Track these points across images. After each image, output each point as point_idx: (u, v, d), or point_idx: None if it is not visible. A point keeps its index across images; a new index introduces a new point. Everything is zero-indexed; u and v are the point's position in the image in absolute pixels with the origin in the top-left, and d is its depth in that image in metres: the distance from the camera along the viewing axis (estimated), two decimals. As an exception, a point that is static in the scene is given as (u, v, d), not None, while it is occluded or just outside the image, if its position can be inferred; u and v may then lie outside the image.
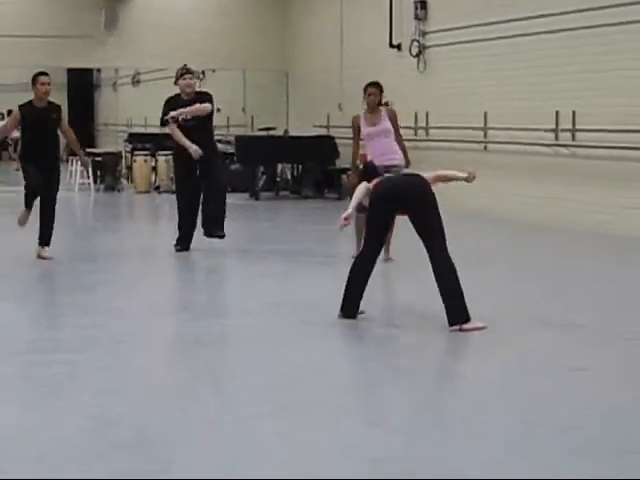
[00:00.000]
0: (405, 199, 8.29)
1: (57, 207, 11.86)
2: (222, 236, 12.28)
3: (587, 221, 14.12)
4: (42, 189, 11.63)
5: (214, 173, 12.58)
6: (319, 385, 6.63)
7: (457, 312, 7.98)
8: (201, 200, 12.47)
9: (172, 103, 12.47)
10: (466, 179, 8.38)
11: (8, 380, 6.86)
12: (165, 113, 12.41)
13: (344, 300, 8.37)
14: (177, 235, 12.54)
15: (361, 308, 8.37)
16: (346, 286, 8.43)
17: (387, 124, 11.24)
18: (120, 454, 5.23)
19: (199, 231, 12.51)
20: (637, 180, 13.50)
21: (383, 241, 8.78)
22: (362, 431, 5.68)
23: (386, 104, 11.60)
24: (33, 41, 21.40)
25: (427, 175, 8.33)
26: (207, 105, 12.28)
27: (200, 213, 12.49)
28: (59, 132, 12.00)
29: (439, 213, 8.25)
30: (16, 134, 12.51)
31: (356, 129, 11.44)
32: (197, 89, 12.70)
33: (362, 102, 11.56)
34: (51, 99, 11.92)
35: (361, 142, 11.44)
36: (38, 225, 11.77)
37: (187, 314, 9.32)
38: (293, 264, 11.81)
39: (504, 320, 8.40)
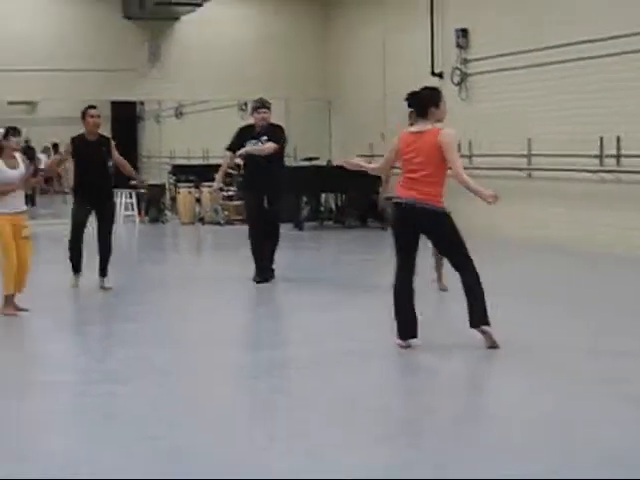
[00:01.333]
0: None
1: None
2: (271, 278, 12.37)
3: (633, 246, 14.10)
4: (86, 223, 11.88)
5: (275, 213, 12.71)
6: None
7: (479, 315, 8.15)
8: None
9: (245, 133, 12.57)
10: (487, 199, 8.32)
11: (60, 410, 7.01)
12: (234, 141, 12.53)
13: (397, 326, 8.45)
14: (255, 267, 12.44)
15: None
16: (395, 313, 8.50)
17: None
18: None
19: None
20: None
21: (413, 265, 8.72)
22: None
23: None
24: (77, 75, 21.59)
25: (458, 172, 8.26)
26: (271, 145, 12.28)
27: None
28: (110, 164, 12.12)
29: (456, 231, 8.34)
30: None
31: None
32: (270, 121, 12.60)
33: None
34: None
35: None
36: (98, 257, 11.97)
37: (236, 344, 9.45)
38: (339, 293, 11.84)
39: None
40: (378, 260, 15.85)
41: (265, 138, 12.33)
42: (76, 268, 11.97)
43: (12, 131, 10.31)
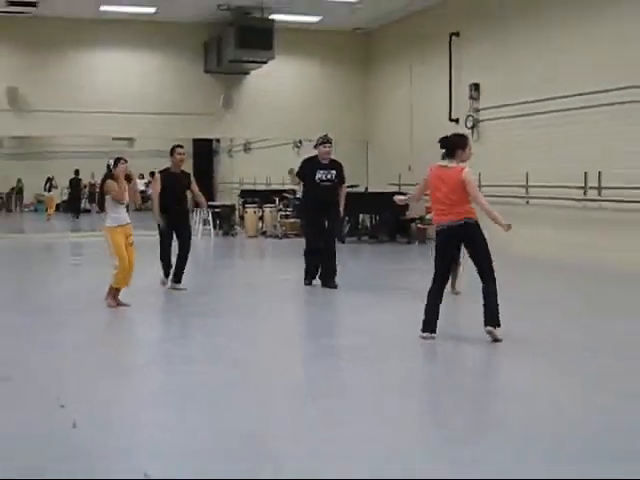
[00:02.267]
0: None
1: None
2: (335, 287, 12.13)
3: (612, 262, 14.03)
4: (171, 239, 11.98)
5: (333, 234, 12.58)
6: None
7: (492, 318, 8.16)
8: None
9: (311, 163, 12.31)
10: (503, 227, 8.33)
11: (146, 384, 7.10)
12: (302, 168, 12.37)
13: (424, 321, 8.45)
14: (305, 272, 12.40)
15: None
16: (425, 311, 8.50)
17: None
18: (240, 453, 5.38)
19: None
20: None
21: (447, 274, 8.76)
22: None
23: None
24: (167, 117, 21.83)
25: (481, 201, 8.30)
26: (345, 190, 12.47)
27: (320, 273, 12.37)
28: (188, 193, 12.23)
29: (486, 246, 8.35)
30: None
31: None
32: (331, 155, 12.40)
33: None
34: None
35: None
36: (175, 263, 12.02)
37: (296, 336, 9.50)
38: (375, 296, 11.77)
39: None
40: (405, 269, 15.86)
41: (334, 172, 12.20)
42: (166, 273, 12.06)
43: (121, 160, 10.46)
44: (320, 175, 12.12)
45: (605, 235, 14.48)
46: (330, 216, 12.25)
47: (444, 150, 8.56)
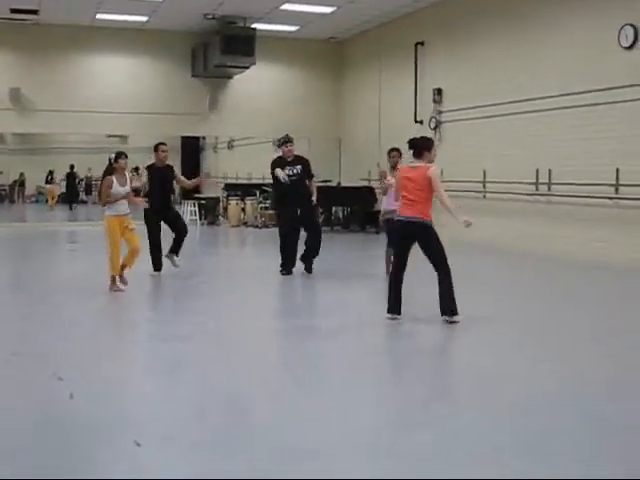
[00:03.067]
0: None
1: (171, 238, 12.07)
2: (310, 272, 12.24)
3: (558, 249, 14.18)
4: (160, 229, 11.90)
5: (313, 221, 12.68)
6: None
7: (446, 308, 8.29)
8: (305, 241, 12.35)
9: (278, 162, 12.34)
10: (461, 223, 8.36)
11: (138, 359, 7.13)
12: (273, 168, 12.27)
13: (388, 302, 8.54)
14: (281, 263, 12.28)
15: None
16: (388, 292, 8.58)
17: None
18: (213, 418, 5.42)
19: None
20: (598, 220, 13.57)
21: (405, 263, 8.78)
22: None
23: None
24: (157, 117, 21.78)
25: (442, 196, 8.37)
26: (314, 187, 12.52)
27: (303, 252, 12.36)
28: (175, 184, 12.38)
29: (438, 240, 8.44)
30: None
31: (383, 178, 11.35)
32: (295, 153, 12.42)
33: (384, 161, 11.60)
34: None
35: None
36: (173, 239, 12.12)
37: (273, 316, 9.54)
38: (345, 279, 11.91)
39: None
40: (373, 255, 15.91)
41: (299, 167, 12.25)
42: (156, 266, 11.86)
43: (122, 155, 10.39)
44: (287, 171, 12.18)
45: (553, 226, 14.61)
46: (302, 206, 12.26)
47: (412, 150, 8.60)
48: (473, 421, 5.20)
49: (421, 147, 8.54)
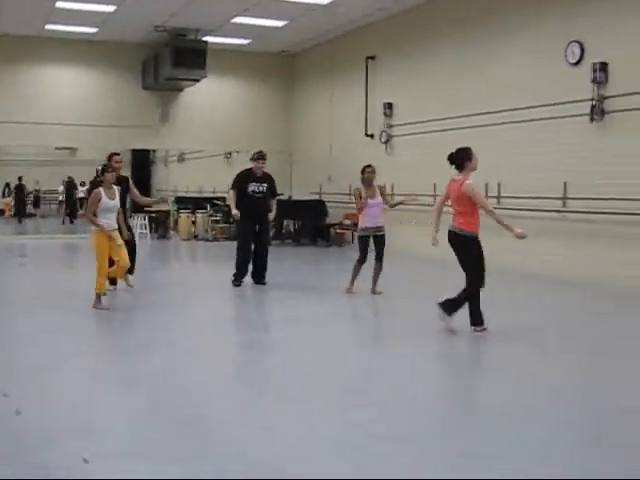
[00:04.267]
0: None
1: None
2: (264, 284, 12.28)
3: (505, 262, 14.30)
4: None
5: (265, 237, 12.74)
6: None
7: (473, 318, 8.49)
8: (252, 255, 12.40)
9: (245, 176, 12.39)
10: (515, 234, 8.47)
11: (90, 373, 7.01)
12: (237, 183, 12.32)
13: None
14: (234, 273, 12.33)
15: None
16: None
17: (379, 198, 11.44)
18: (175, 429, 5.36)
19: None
20: (550, 233, 13.72)
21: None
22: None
23: (379, 186, 11.63)
24: (107, 129, 21.54)
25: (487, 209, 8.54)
26: (274, 204, 12.58)
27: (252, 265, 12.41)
28: (128, 197, 11.81)
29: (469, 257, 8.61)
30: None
31: (358, 197, 11.43)
32: (264, 170, 12.51)
33: (363, 178, 11.57)
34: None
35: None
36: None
37: (226, 328, 9.49)
38: (297, 291, 11.96)
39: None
40: (324, 269, 15.97)
41: (266, 185, 12.36)
42: (111, 280, 11.37)
43: (109, 168, 9.99)
44: (253, 187, 12.28)
45: (501, 238, 14.71)
46: (261, 223, 12.38)
47: (454, 165, 8.74)
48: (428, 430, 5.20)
49: (461, 159, 8.75)
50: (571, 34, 13.42)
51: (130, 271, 11.65)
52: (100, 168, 10.09)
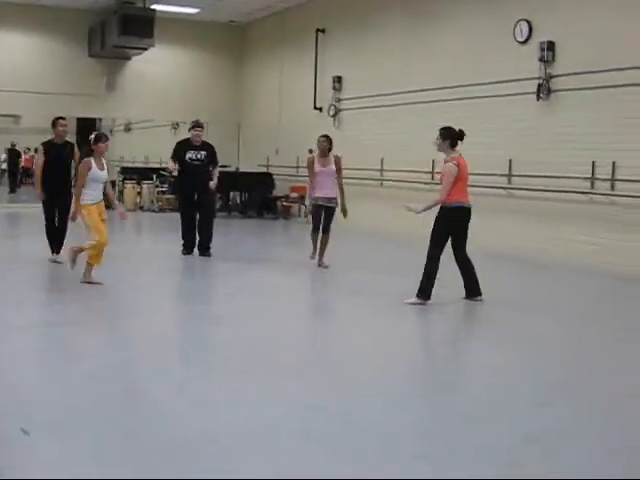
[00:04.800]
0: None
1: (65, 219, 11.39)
2: (209, 255, 12.23)
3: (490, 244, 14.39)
4: (54, 217, 11.24)
5: (208, 208, 12.71)
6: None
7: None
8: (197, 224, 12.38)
9: (183, 145, 12.50)
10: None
11: (31, 344, 6.92)
12: (176, 152, 12.46)
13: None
14: (182, 243, 12.41)
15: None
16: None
17: (333, 167, 11.40)
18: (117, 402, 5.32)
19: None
20: (497, 210, 13.84)
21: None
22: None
23: (335, 155, 11.56)
24: (52, 97, 21.11)
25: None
26: (217, 171, 12.55)
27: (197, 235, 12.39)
28: (72, 164, 11.40)
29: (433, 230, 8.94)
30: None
31: (311, 166, 11.41)
32: (203, 139, 12.56)
33: (315, 147, 11.56)
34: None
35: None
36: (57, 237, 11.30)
37: (170, 300, 9.43)
38: (242, 263, 11.88)
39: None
40: (270, 241, 15.97)
41: (204, 153, 12.39)
42: (52, 247, 11.27)
43: (102, 137, 9.63)
44: (190, 155, 12.35)
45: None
46: (201, 190, 12.33)
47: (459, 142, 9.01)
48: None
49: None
50: (520, 12, 13.49)
51: (58, 250, 11.27)
52: (93, 136, 9.54)
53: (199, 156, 12.34)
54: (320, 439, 4.58)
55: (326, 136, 11.63)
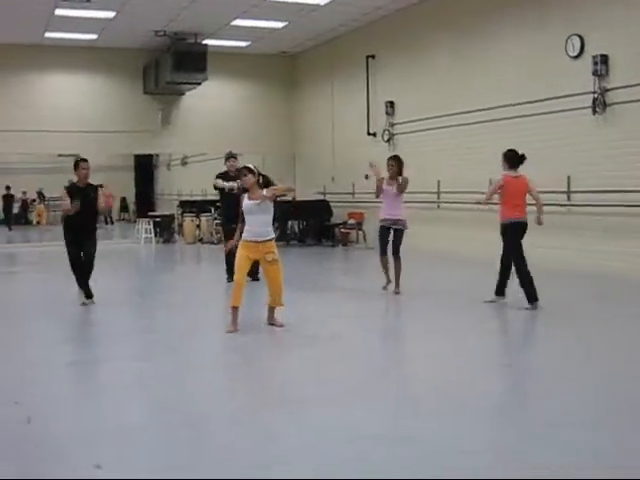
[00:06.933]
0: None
1: (130, 254, 11.58)
2: (258, 279, 12.02)
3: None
4: (79, 254, 10.71)
5: None
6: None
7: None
8: None
9: (221, 177, 13.17)
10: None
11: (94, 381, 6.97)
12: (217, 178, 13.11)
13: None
14: (226, 269, 12.56)
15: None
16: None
17: (395, 188, 11.37)
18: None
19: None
20: (556, 227, 13.68)
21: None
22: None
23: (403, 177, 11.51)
24: (110, 135, 21.51)
25: None
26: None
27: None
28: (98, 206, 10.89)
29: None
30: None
31: (380, 183, 11.30)
32: (237, 167, 12.61)
33: (386, 169, 11.53)
34: (92, 181, 11.02)
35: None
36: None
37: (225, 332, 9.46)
38: (304, 292, 11.83)
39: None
40: (332, 268, 15.94)
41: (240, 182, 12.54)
42: (80, 282, 10.82)
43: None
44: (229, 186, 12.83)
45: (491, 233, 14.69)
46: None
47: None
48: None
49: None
50: (570, 28, 13.40)
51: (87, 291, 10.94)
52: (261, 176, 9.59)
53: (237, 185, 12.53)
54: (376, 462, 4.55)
55: (393, 157, 11.61)
